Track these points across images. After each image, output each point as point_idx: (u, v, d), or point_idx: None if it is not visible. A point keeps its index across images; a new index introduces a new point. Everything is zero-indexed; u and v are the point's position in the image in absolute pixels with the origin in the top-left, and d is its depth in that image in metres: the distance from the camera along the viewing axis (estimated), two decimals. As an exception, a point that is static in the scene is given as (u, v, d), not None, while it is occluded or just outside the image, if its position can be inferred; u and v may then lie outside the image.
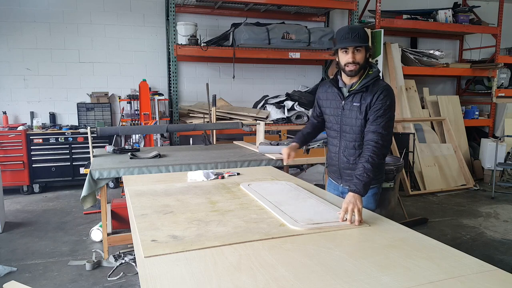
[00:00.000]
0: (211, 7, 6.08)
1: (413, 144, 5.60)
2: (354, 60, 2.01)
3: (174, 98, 5.57)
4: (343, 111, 2.16)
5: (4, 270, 3.08)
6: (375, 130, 2.01)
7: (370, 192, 2.15)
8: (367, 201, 2.15)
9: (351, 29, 2.01)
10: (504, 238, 3.95)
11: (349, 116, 2.14)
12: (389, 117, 2.04)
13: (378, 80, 2.09)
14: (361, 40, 1.99)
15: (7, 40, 5.54)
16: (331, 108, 2.23)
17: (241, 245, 1.49)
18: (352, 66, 2.03)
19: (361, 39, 1.99)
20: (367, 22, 6.39)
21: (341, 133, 2.21)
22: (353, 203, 1.75)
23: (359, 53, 2.02)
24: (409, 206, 4.91)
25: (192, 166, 3.14)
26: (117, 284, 2.92)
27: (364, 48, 2.03)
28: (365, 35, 2.03)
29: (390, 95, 2.06)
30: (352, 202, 1.76)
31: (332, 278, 1.24)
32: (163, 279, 1.22)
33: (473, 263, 1.34)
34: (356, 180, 1.87)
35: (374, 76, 2.08)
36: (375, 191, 2.26)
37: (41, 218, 4.39)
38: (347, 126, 2.16)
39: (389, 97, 2.05)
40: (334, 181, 2.40)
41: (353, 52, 2.01)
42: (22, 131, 5.21)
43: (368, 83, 2.06)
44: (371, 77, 2.07)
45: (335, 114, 2.21)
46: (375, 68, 2.11)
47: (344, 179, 2.28)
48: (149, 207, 1.97)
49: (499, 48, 6.85)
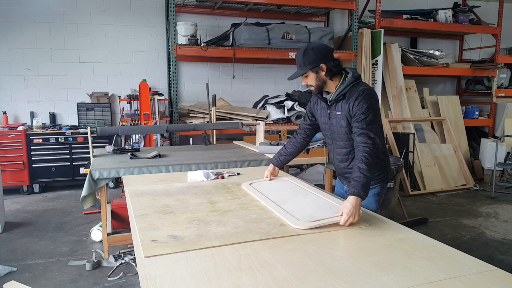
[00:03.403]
0: (211, 7, 6.08)
1: (413, 144, 5.60)
2: (307, 84, 2.15)
3: (174, 98, 5.57)
4: (329, 120, 2.22)
5: (4, 270, 3.08)
6: (360, 132, 2.01)
7: (371, 192, 2.15)
8: (367, 201, 2.15)
9: (295, 57, 2.16)
10: (504, 238, 3.95)
11: (335, 125, 2.19)
12: (372, 117, 2.01)
13: (356, 85, 2.09)
14: (301, 67, 2.10)
15: (7, 40, 5.54)
16: (321, 117, 2.30)
17: (241, 245, 1.49)
18: (310, 87, 2.17)
19: (300, 66, 2.10)
20: (367, 22, 6.40)
21: (333, 141, 2.29)
22: (348, 208, 1.73)
23: (308, 78, 2.13)
24: (409, 206, 4.91)
25: (192, 166, 3.14)
26: (117, 284, 2.92)
27: (310, 71, 2.09)
28: (306, 59, 2.07)
29: (367, 98, 2.03)
30: (347, 207, 1.74)
31: (332, 278, 1.24)
32: (163, 279, 1.22)
33: (473, 263, 1.34)
34: (354, 182, 1.87)
35: (349, 82, 2.09)
36: (377, 191, 2.26)
37: (41, 218, 4.39)
38: (336, 134, 2.23)
39: (367, 100, 2.02)
40: (340, 181, 2.48)
41: (304, 78, 2.14)
42: (22, 131, 5.21)
43: (344, 90, 2.09)
44: (345, 84, 2.09)
45: (324, 123, 2.29)
46: (350, 74, 2.12)
47: (347, 181, 2.35)
48: (149, 207, 1.97)
49: (499, 48, 6.85)
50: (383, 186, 2.29)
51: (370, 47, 6.03)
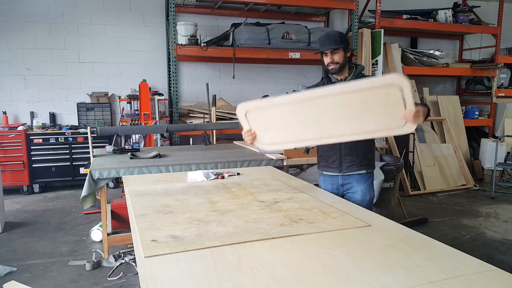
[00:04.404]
0: (211, 7, 6.08)
1: (413, 144, 5.60)
2: (333, 60, 2.29)
3: (174, 98, 5.57)
4: None
5: (4, 270, 3.08)
6: None
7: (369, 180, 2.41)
8: (369, 189, 2.40)
9: (327, 34, 2.32)
10: (504, 238, 3.95)
11: None
12: None
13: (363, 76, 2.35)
14: (337, 43, 2.26)
15: (7, 40, 5.54)
16: None
17: (241, 245, 1.49)
18: (333, 65, 2.30)
19: (337, 42, 2.26)
20: (367, 22, 6.39)
21: None
22: (420, 107, 1.75)
23: (337, 54, 2.29)
24: (409, 206, 4.91)
25: (192, 166, 3.14)
26: (117, 284, 2.92)
27: (342, 49, 2.28)
28: (341, 38, 2.29)
29: None
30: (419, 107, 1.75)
31: (332, 278, 1.24)
32: (163, 279, 1.22)
33: (473, 263, 1.34)
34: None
35: (360, 70, 2.38)
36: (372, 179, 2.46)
37: (41, 218, 4.39)
38: None
39: None
40: (332, 173, 2.45)
41: (331, 54, 2.28)
42: (22, 131, 5.21)
43: (359, 75, 2.35)
44: (359, 71, 2.38)
45: None
46: (360, 66, 2.43)
47: (344, 166, 2.38)
48: (149, 207, 1.97)
49: (499, 48, 6.84)
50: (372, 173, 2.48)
51: (370, 47, 6.02)
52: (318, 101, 1.90)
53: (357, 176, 2.39)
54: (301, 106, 1.94)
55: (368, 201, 2.39)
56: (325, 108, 1.88)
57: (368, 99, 1.77)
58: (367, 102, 1.78)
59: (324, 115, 1.89)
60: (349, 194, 2.41)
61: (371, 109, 1.79)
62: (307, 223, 1.73)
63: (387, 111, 1.76)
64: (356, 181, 2.39)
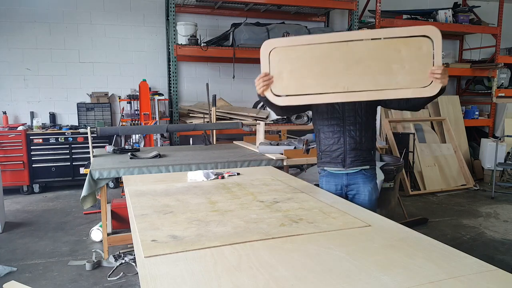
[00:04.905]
0: (211, 7, 6.08)
1: (413, 144, 5.60)
2: None
3: (174, 98, 5.58)
4: None
5: (4, 270, 3.08)
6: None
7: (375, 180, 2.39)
8: (375, 189, 2.38)
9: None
10: (504, 238, 3.95)
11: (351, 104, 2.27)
12: None
13: None
14: None
15: (7, 40, 5.54)
16: None
17: (241, 245, 1.49)
18: None
19: None
20: (367, 22, 6.39)
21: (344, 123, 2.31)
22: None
23: None
24: (409, 206, 4.91)
25: (192, 166, 3.14)
26: (117, 284, 2.92)
27: None
28: None
29: None
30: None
31: (332, 278, 1.24)
32: (163, 279, 1.22)
33: (473, 263, 1.34)
34: None
35: None
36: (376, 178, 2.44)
37: (41, 218, 4.39)
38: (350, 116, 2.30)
39: None
40: (336, 169, 2.37)
41: None
42: (22, 131, 5.21)
43: None
44: None
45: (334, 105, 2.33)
46: None
47: (348, 161, 2.32)
48: (149, 207, 1.97)
49: (499, 48, 6.85)
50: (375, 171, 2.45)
51: (370, 47, 6.02)
52: (352, 45, 1.80)
53: (363, 176, 2.33)
54: (333, 49, 1.82)
55: (374, 202, 2.37)
56: (358, 54, 1.79)
57: (401, 49, 1.73)
58: (399, 52, 1.74)
59: (355, 61, 1.80)
60: (355, 195, 2.36)
61: (402, 60, 1.74)
62: (307, 223, 1.73)
63: (417, 65, 1.73)
64: (362, 182, 2.34)
